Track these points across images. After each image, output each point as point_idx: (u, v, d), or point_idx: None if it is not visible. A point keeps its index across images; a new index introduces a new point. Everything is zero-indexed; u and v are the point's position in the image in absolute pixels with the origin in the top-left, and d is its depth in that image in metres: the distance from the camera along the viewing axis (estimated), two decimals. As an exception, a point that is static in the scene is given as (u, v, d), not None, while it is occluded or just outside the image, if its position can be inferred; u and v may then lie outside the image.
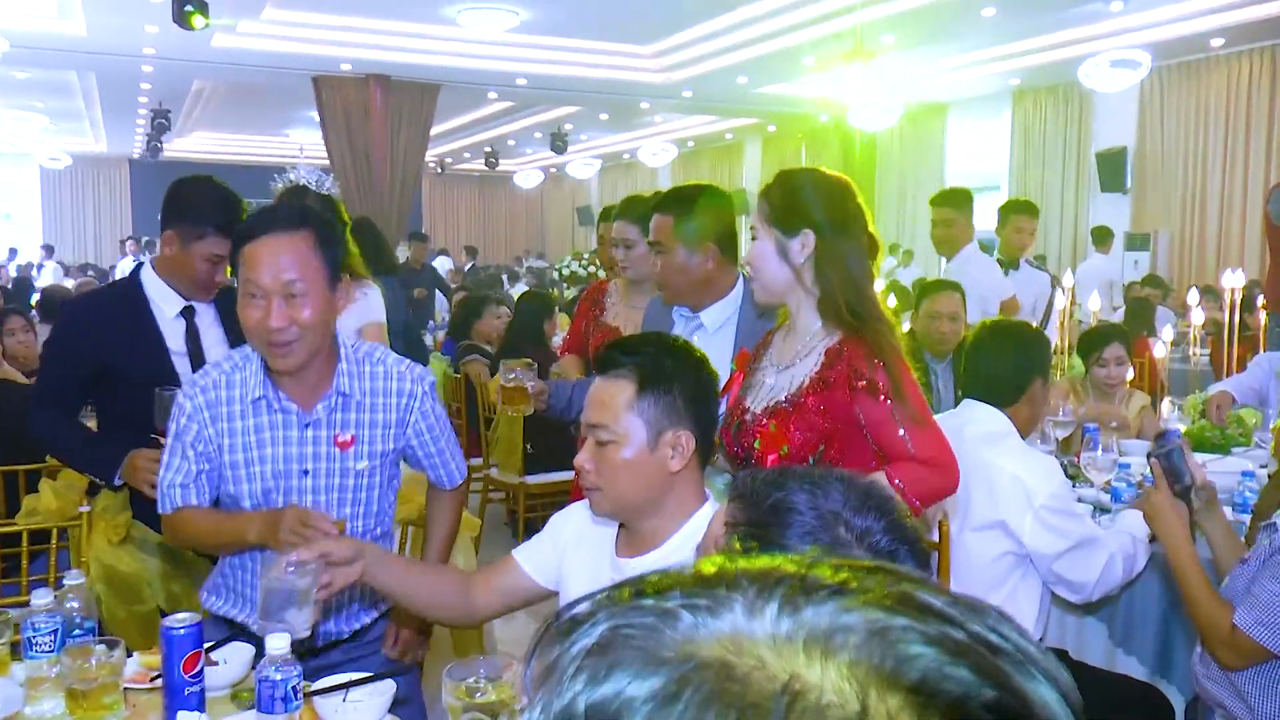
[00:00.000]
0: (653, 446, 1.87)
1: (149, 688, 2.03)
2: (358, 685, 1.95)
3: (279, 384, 2.21)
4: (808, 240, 2.26)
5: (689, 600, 0.46)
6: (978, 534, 2.80)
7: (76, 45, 11.31)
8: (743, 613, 0.44)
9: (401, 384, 2.31)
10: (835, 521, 1.22)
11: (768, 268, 2.32)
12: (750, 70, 12.49)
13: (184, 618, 1.90)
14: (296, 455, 2.24)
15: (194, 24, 8.68)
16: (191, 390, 2.24)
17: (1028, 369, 2.90)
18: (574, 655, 0.45)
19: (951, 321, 4.44)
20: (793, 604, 0.44)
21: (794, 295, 2.33)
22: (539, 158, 22.72)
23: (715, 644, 0.43)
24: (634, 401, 1.86)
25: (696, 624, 0.44)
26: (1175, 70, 12.01)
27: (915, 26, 10.43)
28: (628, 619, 0.45)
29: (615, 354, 1.93)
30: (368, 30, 11.01)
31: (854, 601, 0.44)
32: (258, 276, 2.08)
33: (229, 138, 20.32)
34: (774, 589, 0.45)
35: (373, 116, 12.61)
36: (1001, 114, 14.34)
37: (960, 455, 2.72)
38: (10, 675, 2.06)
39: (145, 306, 2.87)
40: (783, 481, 1.28)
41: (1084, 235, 12.57)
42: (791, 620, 0.43)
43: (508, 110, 16.54)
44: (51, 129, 19.22)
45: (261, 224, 2.12)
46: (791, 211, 2.28)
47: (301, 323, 2.09)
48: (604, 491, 1.91)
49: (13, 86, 14.87)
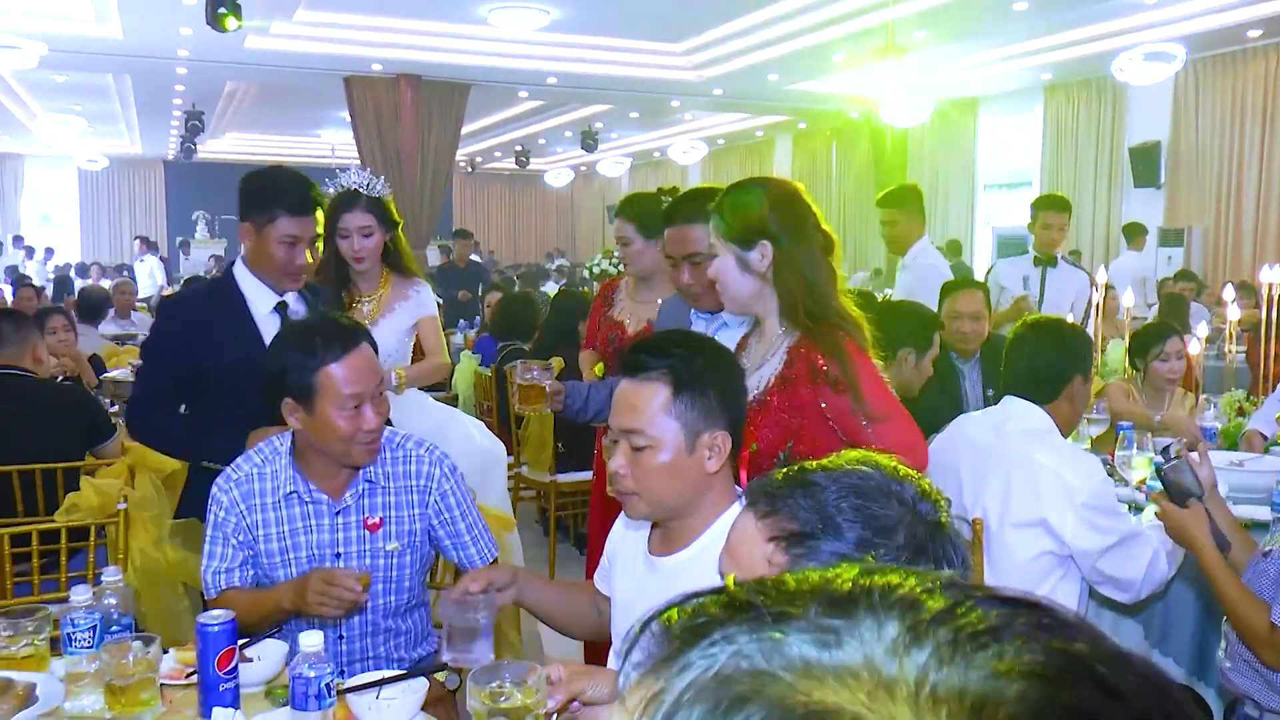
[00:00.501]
0: (690, 449, 1.85)
1: (185, 684, 2.05)
2: (391, 683, 1.96)
3: (308, 477, 2.36)
4: (766, 250, 2.34)
5: (821, 625, 0.43)
6: (1018, 530, 2.78)
7: (112, 48, 11.43)
8: (884, 656, 0.41)
9: (420, 466, 2.43)
10: (887, 498, 1.24)
11: (732, 281, 2.39)
12: (781, 67, 12.46)
13: (219, 614, 1.93)
14: (329, 541, 2.37)
15: (227, 26, 8.75)
16: (226, 484, 2.38)
17: (1068, 366, 2.88)
18: (693, 681, 0.42)
19: (974, 321, 4.38)
20: (938, 656, 0.41)
21: (760, 302, 2.41)
22: (569, 156, 22.75)
23: (847, 692, 0.40)
24: (670, 404, 1.84)
25: (825, 659, 0.42)
26: (1210, 63, 11.86)
27: (947, 22, 10.36)
28: (752, 647, 0.43)
29: (643, 356, 1.90)
30: (399, 30, 11.07)
31: (1012, 665, 0.40)
32: (360, 387, 2.26)
33: (261, 138, 20.49)
34: (923, 632, 0.42)
35: (403, 116, 12.67)
36: (1033, 109, 14.22)
37: (1001, 450, 2.77)
38: (50, 671, 2.09)
39: (241, 303, 2.93)
40: (812, 480, 1.28)
41: (1117, 231, 12.44)
42: (939, 674, 0.40)
43: (538, 109, 16.57)
44: (89, 131, 19.46)
45: (343, 342, 2.28)
46: (746, 225, 2.36)
47: (385, 415, 2.35)
48: (641, 496, 1.89)
49: (52, 90, 15.08)
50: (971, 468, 2.92)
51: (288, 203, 2.89)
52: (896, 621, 0.43)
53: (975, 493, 2.89)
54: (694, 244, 2.84)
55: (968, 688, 0.40)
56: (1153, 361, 4.18)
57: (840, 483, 1.26)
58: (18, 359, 3.94)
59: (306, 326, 2.45)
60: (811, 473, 1.29)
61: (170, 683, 2.06)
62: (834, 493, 1.25)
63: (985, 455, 2.89)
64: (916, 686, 0.40)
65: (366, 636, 2.43)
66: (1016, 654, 0.41)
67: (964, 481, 2.93)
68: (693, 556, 1.91)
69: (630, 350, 1.96)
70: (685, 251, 2.81)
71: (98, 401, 4.27)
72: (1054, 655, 0.41)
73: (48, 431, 3.84)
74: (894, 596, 0.45)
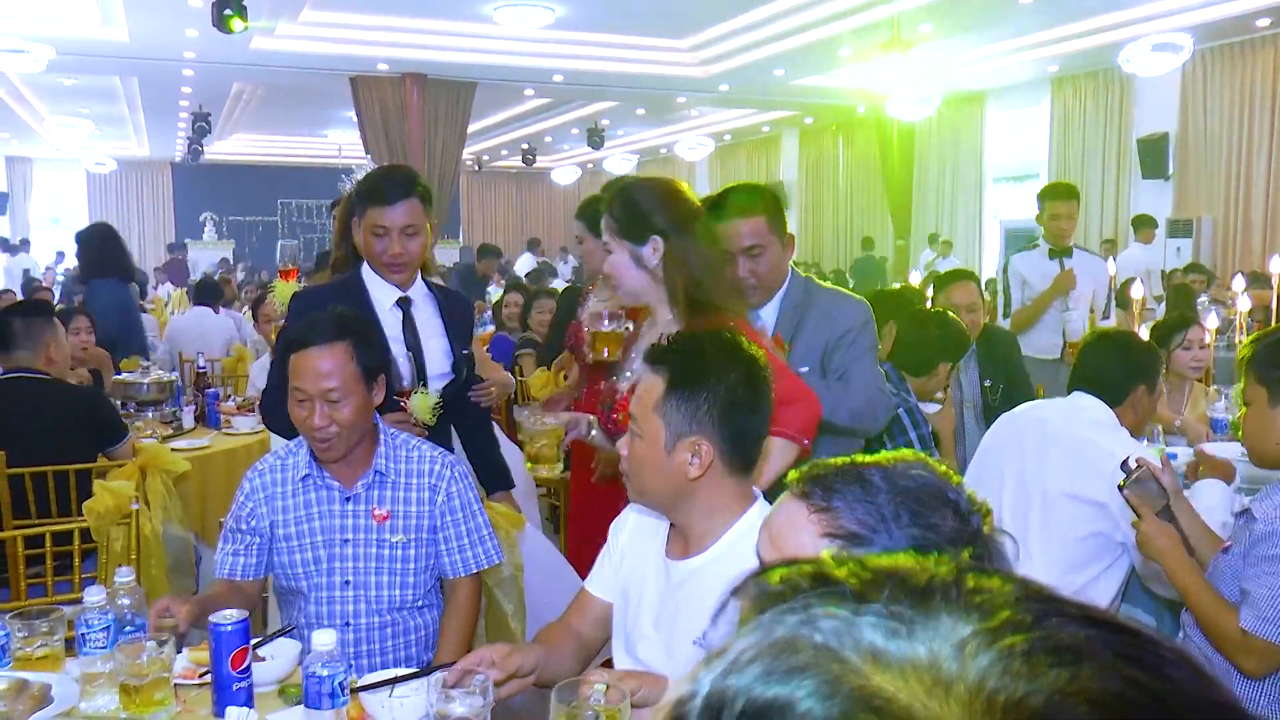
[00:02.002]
0: (669, 450, 1.85)
1: (198, 683, 2.06)
2: (404, 681, 1.97)
3: (324, 465, 2.45)
4: (657, 245, 2.51)
5: (896, 613, 0.43)
6: (1075, 504, 2.88)
7: (119, 51, 11.47)
8: (950, 653, 0.41)
9: (433, 465, 2.51)
10: (940, 505, 1.24)
11: (628, 276, 2.56)
12: (787, 62, 12.44)
13: (231, 614, 1.93)
14: (338, 527, 2.44)
15: (233, 27, 8.78)
16: (253, 473, 2.50)
17: (1131, 376, 2.99)
18: (756, 642, 0.43)
19: (970, 312, 4.36)
20: (1006, 663, 0.40)
21: (650, 293, 2.57)
22: (576, 154, 22.75)
23: (904, 683, 0.40)
24: (660, 402, 1.85)
25: (892, 648, 0.42)
26: (1219, 52, 11.81)
27: (953, 15, 10.34)
28: (826, 622, 0.43)
29: (663, 349, 1.92)
30: (404, 29, 11.08)
31: (1083, 688, 0.39)
32: (303, 384, 2.33)
33: (268, 139, 20.54)
34: (996, 637, 0.41)
35: (410, 115, 12.69)
36: (1040, 102, 14.18)
37: (1071, 429, 2.97)
38: (65, 671, 2.10)
39: (365, 298, 2.96)
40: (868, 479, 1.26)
41: (1126, 223, 12.42)
42: (1001, 681, 0.40)
43: (544, 107, 16.57)
44: (97, 134, 19.53)
45: (305, 336, 2.36)
46: (637, 223, 2.52)
47: (341, 421, 2.34)
48: (630, 480, 1.94)
49: (60, 93, 15.14)
50: (1038, 442, 3.04)
51: (366, 197, 2.92)
52: (972, 623, 0.42)
53: (1039, 465, 2.99)
54: (747, 237, 2.85)
55: (1028, 701, 0.39)
56: (1175, 350, 4.20)
57: (896, 485, 1.25)
58: (31, 361, 3.93)
59: (312, 315, 2.50)
60: (867, 470, 1.28)
61: (184, 682, 2.07)
62: (890, 495, 1.25)
63: (1054, 431, 3.01)
64: (974, 689, 0.39)
65: (374, 631, 2.45)
66: (1090, 678, 0.40)
67: (1028, 457, 3.04)
68: (709, 562, 1.90)
69: (665, 340, 1.99)
70: (741, 245, 2.82)
71: (110, 404, 4.26)
72: (1130, 687, 0.40)
73: (58, 433, 3.84)
74: (977, 598, 0.44)
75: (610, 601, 2.13)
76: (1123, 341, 3.15)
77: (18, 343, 3.93)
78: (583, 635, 2.14)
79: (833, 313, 2.88)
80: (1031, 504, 2.96)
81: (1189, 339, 4.21)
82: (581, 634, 2.14)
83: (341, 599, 2.42)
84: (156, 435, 4.70)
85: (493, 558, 2.55)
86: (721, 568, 1.86)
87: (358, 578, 2.42)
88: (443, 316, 3.06)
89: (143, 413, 5.12)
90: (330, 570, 2.42)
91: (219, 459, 4.55)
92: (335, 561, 2.42)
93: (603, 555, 2.18)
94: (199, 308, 8.08)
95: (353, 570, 2.43)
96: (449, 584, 2.55)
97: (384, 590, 2.44)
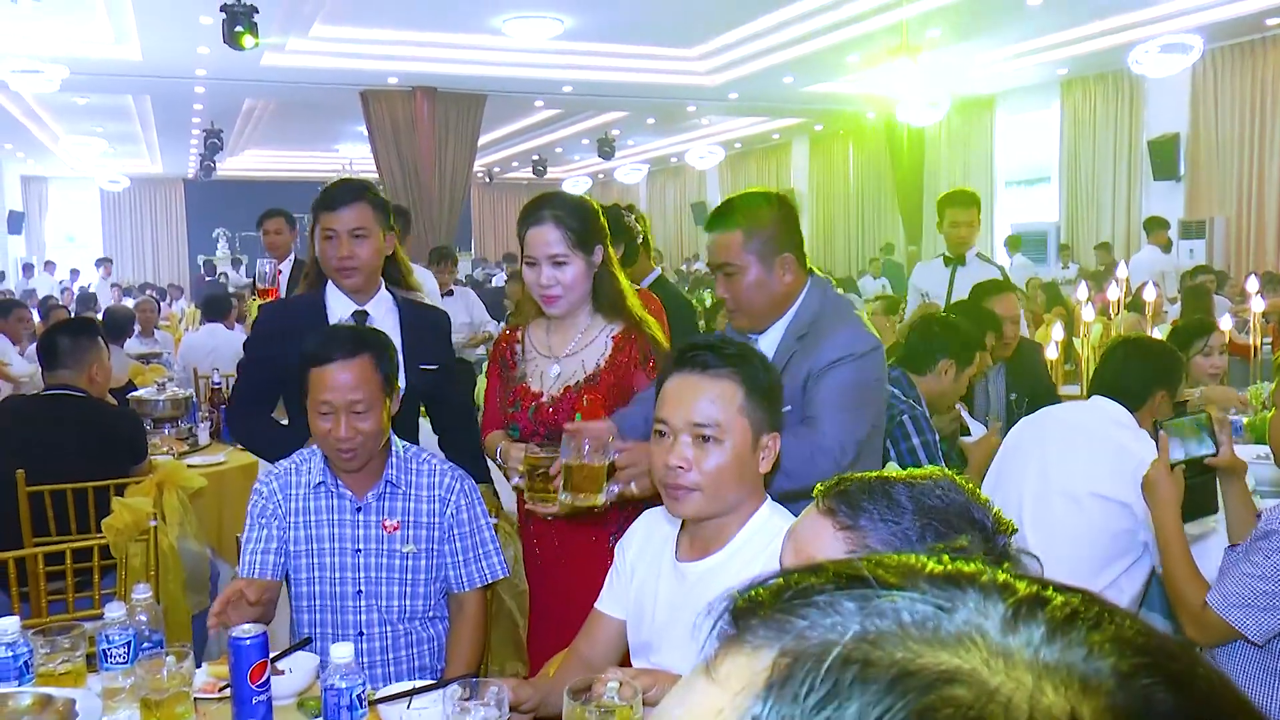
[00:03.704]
0: (754, 448, 1.92)
1: (218, 697, 2.08)
2: (422, 693, 1.98)
3: (337, 474, 2.48)
4: (599, 254, 2.69)
5: (931, 598, 0.44)
6: (1100, 501, 2.90)
7: (132, 69, 11.55)
8: (996, 628, 0.43)
9: (442, 478, 2.54)
10: (964, 524, 1.25)
11: (583, 285, 2.68)
12: (796, 69, 12.46)
13: (250, 629, 1.95)
14: (350, 536, 2.47)
15: (244, 44, 8.83)
16: (267, 478, 2.53)
17: (1152, 382, 3.00)
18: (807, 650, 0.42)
19: (1013, 324, 4.35)
20: (1045, 633, 0.42)
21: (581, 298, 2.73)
22: (587, 164, 22.79)
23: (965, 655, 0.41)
24: (744, 403, 1.90)
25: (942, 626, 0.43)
26: (1229, 52, 11.78)
27: (961, 19, 10.34)
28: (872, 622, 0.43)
29: (711, 355, 1.94)
30: (414, 43, 11.12)
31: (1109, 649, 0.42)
32: (329, 397, 2.35)
33: (280, 154, 20.64)
34: (1028, 612, 0.43)
35: (420, 128, 12.73)
36: (1050, 105, 14.17)
37: (1094, 429, 2.99)
38: (87, 686, 2.11)
39: (322, 310, 2.97)
40: (894, 496, 1.28)
41: (1138, 225, 12.38)
42: (1048, 649, 0.42)
43: (554, 118, 16.61)
44: (110, 152, 19.66)
45: (327, 352, 2.38)
46: (588, 234, 2.66)
47: (365, 432, 2.38)
48: (704, 491, 1.91)
49: (74, 112, 15.26)
50: (1061, 441, 3.07)
51: (322, 201, 2.93)
52: (1001, 602, 0.44)
53: (1066, 463, 3.01)
54: (716, 253, 2.56)
55: (1074, 664, 0.41)
56: (1195, 357, 4.17)
57: (922, 504, 1.27)
58: (74, 379, 3.96)
59: (328, 330, 2.56)
60: (894, 487, 1.30)
61: (204, 696, 2.08)
62: (915, 515, 1.26)
63: (1077, 431, 3.04)
64: (1034, 658, 0.41)
65: (388, 641, 2.47)
66: (1112, 638, 0.42)
67: (1049, 456, 3.06)
68: (726, 559, 1.93)
69: (700, 348, 1.98)
70: (712, 261, 2.62)
71: (140, 424, 4.28)
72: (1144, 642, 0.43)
73: (93, 451, 3.88)
74: (998, 580, 0.46)
75: (623, 619, 2.14)
76: (1143, 347, 3.16)
77: (63, 360, 3.97)
78: (592, 662, 2.14)
79: (822, 341, 2.44)
80: (1053, 502, 2.98)
81: (1210, 345, 4.18)
82: (591, 661, 2.14)
83: (354, 609, 2.45)
84: (173, 452, 4.72)
85: (498, 572, 2.56)
86: (737, 564, 1.89)
87: (370, 587, 2.45)
88: (403, 330, 2.98)
89: (159, 429, 5.15)
90: (342, 580, 2.45)
91: (234, 474, 4.57)
92: (347, 571, 2.45)
93: (612, 574, 2.20)
94: (211, 324, 8.11)
95: (364, 580, 2.45)
96: (455, 599, 2.55)
97: (395, 600, 2.46)
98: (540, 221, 2.65)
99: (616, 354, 2.69)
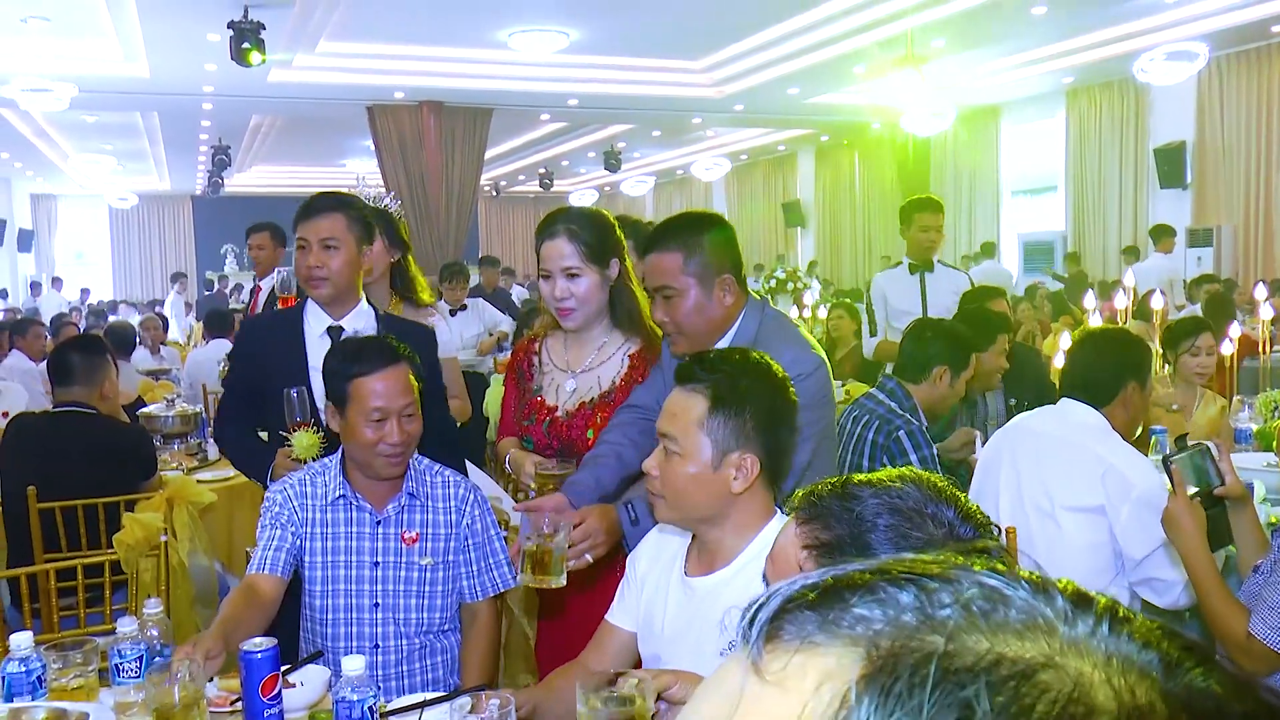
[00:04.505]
0: (716, 466, 1.88)
1: (230, 710, 2.08)
2: (431, 705, 1.98)
3: (355, 487, 2.49)
4: (615, 268, 2.69)
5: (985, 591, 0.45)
6: (1077, 515, 2.85)
7: (140, 87, 11.61)
8: (1054, 617, 0.44)
9: (458, 490, 2.57)
10: (921, 520, 1.24)
11: (597, 298, 2.68)
12: (801, 81, 12.48)
13: (261, 642, 1.96)
14: (368, 549, 2.48)
15: (251, 61, 8.87)
16: (280, 487, 2.52)
17: (1122, 373, 2.94)
18: (916, 657, 0.42)
19: (997, 372, 4.26)
20: (1098, 627, 0.43)
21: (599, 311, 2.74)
22: (593, 177, 22.85)
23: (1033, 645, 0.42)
24: (704, 419, 1.88)
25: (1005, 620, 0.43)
26: (1234, 59, 11.79)
27: (966, 29, 10.35)
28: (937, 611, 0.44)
29: (694, 368, 1.94)
30: (420, 58, 11.18)
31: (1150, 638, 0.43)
32: (382, 403, 2.39)
33: (287, 170, 20.72)
34: (1085, 602, 0.44)
35: (427, 143, 12.78)
36: (1055, 114, 14.17)
37: (1063, 439, 2.91)
38: (100, 701, 2.12)
39: (298, 326, 2.97)
40: (853, 492, 1.29)
41: (1144, 233, 12.36)
42: (1109, 641, 0.43)
43: (560, 131, 16.67)
44: (119, 169, 19.77)
45: (370, 364, 2.42)
46: (603, 248, 2.66)
47: (414, 435, 2.45)
48: (666, 500, 1.95)
49: (83, 130, 15.35)
50: (1033, 455, 3.00)
51: (299, 212, 2.95)
52: (1058, 595, 0.45)
53: (1037, 477, 2.96)
54: (652, 276, 2.52)
55: (1130, 655, 0.42)
56: (1183, 355, 4.16)
57: (879, 499, 1.27)
58: (85, 396, 3.98)
59: (358, 341, 2.58)
60: (856, 485, 1.31)
61: (216, 709, 2.09)
62: (871, 508, 1.27)
63: (1048, 443, 2.97)
64: (1097, 648, 0.42)
65: (403, 653, 2.47)
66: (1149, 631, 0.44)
67: (1022, 470, 3.00)
68: (732, 575, 1.92)
69: (688, 359, 2.00)
70: (656, 284, 2.52)
71: (151, 441, 4.31)
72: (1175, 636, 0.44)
73: (103, 467, 3.89)
74: (1038, 578, 0.46)
75: (633, 631, 2.15)
76: (1108, 338, 3.09)
77: (75, 378, 3.99)
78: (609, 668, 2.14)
79: None
80: (1029, 518, 2.94)
81: (1198, 345, 4.16)
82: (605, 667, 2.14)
83: (370, 621, 2.45)
84: (182, 467, 4.74)
85: (509, 581, 2.59)
86: (743, 580, 1.89)
87: (386, 600, 2.46)
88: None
89: (169, 445, 5.16)
90: (359, 592, 2.46)
91: (243, 489, 4.58)
92: (364, 584, 2.46)
93: (623, 586, 2.21)
94: (217, 340, 8.13)
95: (381, 593, 2.46)
96: (468, 609, 2.57)
97: (412, 613, 2.47)
98: (554, 235, 2.65)
99: (632, 372, 2.70)
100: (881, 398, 3.49)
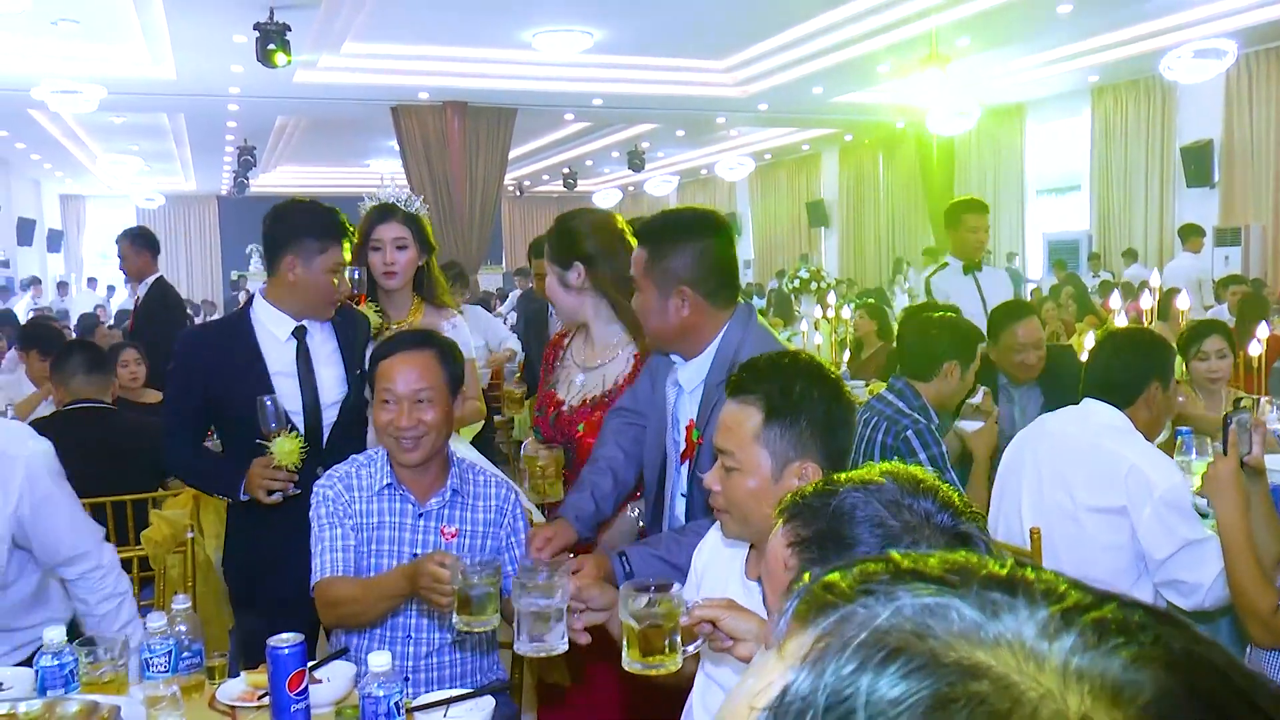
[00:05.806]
0: (777, 478, 1.83)
1: (257, 706, 2.11)
2: (459, 701, 2.00)
3: (401, 479, 2.52)
4: (579, 269, 2.78)
5: (982, 598, 0.46)
6: (1099, 515, 2.84)
7: (167, 88, 11.70)
8: (1035, 634, 0.44)
9: (499, 490, 2.61)
10: (898, 509, 1.25)
11: (555, 296, 2.85)
12: (825, 80, 12.44)
13: (288, 638, 1.97)
14: (409, 540, 2.50)
15: (276, 62, 8.92)
16: (329, 481, 2.54)
17: (1145, 373, 2.93)
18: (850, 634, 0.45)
19: (1036, 349, 4.19)
20: (1083, 641, 0.44)
21: (584, 311, 2.85)
22: (617, 176, 22.85)
23: (997, 656, 0.43)
24: (760, 431, 1.83)
25: (983, 629, 0.44)
26: (1264, 56, 11.66)
27: (991, 28, 10.30)
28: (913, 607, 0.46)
29: (746, 377, 1.89)
30: (444, 59, 11.21)
31: (1151, 657, 0.43)
32: (392, 385, 2.44)
33: (311, 170, 20.82)
34: (1071, 620, 0.45)
35: (451, 143, 12.81)
36: (1081, 112, 14.09)
37: (1084, 440, 2.91)
38: (130, 695, 2.15)
39: (250, 333, 2.96)
40: (833, 489, 1.31)
41: (1171, 233, 12.26)
42: (1083, 658, 0.43)
43: (584, 131, 16.68)
44: (146, 170, 19.93)
45: (393, 346, 2.53)
46: (564, 248, 2.80)
47: (428, 423, 2.45)
48: (730, 515, 1.91)
49: (111, 131, 15.48)
50: (1053, 457, 3.00)
51: (337, 231, 2.94)
52: (1047, 607, 0.46)
53: (1059, 478, 2.95)
54: (633, 263, 2.49)
55: (1108, 672, 0.42)
56: (1191, 361, 4.13)
57: (858, 492, 1.29)
58: (98, 393, 4.03)
59: (403, 331, 2.72)
60: (835, 482, 1.33)
61: (243, 705, 2.11)
62: (849, 502, 1.28)
63: (1068, 444, 2.97)
64: (1063, 664, 0.43)
65: (434, 646, 2.49)
66: (1154, 648, 0.43)
67: (1044, 471, 3.00)
68: None
69: (740, 368, 1.94)
70: (629, 273, 2.52)
71: None
72: (1188, 656, 0.44)
73: (120, 464, 3.93)
74: (1046, 586, 0.47)
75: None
76: (1129, 338, 3.09)
77: (87, 374, 4.04)
78: None
79: None
80: (1051, 519, 2.92)
81: (1205, 349, 4.12)
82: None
83: (405, 612, 2.47)
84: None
85: None
86: None
87: None
88: (338, 340, 3.03)
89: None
90: None
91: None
92: None
93: (691, 570, 2.20)
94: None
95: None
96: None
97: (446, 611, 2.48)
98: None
99: (634, 373, 2.79)
100: (890, 399, 3.48)
